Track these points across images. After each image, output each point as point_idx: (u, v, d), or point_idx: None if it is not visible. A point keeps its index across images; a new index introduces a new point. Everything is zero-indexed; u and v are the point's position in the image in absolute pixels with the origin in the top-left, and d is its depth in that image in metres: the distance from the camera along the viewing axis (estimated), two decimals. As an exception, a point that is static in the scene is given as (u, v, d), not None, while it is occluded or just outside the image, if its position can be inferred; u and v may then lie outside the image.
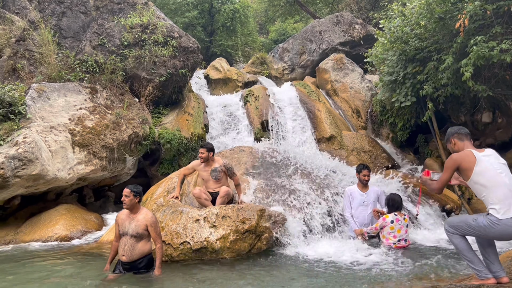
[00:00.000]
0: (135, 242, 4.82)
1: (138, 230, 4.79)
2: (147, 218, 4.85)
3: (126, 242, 4.84)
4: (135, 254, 4.85)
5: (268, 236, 6.11)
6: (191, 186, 7.73)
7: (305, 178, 7.84)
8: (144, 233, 4.83)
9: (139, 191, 4.91)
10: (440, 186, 3.82)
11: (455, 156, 3.74)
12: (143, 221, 4.82)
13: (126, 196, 4.82)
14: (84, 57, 10.56)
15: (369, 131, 13.26)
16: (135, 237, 4.80)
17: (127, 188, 4.86)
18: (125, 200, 4.81)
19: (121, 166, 10.01)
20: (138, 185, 4.98)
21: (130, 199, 4.82)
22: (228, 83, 16.35)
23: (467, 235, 3.67)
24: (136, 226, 4.80)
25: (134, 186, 4.91)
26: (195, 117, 12.04)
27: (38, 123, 8.31)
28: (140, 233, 4.80)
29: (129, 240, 4.82)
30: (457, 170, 3.75)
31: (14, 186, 7.54)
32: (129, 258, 4.84)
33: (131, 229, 4.81)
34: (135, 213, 4.92)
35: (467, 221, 3.65)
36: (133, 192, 4.84)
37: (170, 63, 11.46)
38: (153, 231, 4.85)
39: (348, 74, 14.31)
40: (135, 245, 4.82)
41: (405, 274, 4.86)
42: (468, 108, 10.77)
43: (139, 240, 4.84)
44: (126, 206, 4.84)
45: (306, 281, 4.71)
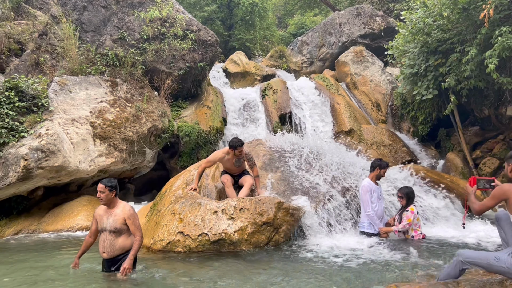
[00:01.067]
0: (115, 237, 4.53)
1: (116, 225, 4.50)
2: (124, 211, 4.56)
3: (105, 239, 4.56)
4: (116, 250, 4.57)
5: (286, 229, 6.10)
6: (209, 178, 7.77)
7: (323, 171, 7.78)
8: (123, 228, 4.53)
9: (114, 185, 4.61)
10: (481, 211, 3.64)
11: (507, 187, 3.48)
12: (121, 214, 4.54)
13: (101, 192, 4.52)
14: (104, 51, 10.70)
15: (389, 125, 13.09)
16: (114, 232, 4.52)
17: (101, 183, 4.56)
18: (101, 196, 4.53)
19: (140, 158, 10.13)
20: (113, 179, 4.69)
21: (106, 195, 4.53)
22: (246, 76, 16.34)
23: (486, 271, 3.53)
24: (114, 220, 4.51)
25: (108, 181, 4.60)
26: (214, 111, 12.08)
27: (60, 116, 8.47)
28: (119, 228, 4.51)
29: (108, 236, 4.54)
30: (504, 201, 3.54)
31: (38, 177, 7.71)
32: (110, 255, 4.57)
33: (109, 225, 4.52)
34: (112, 207, 4.62)
35: (488, 260, 3.46)
36: (108, 187, 4.54)
37: (189, 57, 11.50)
38: (131, 224, 4.55)
39: (368, 67, 14.12)
40: (114, 241, 4.53)
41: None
42: (492, 101, 10.50)
43: (119, 235, 4.55)
44: (103, 202, 4.57)
45: (323, 277, 4.68)
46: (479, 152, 10.83)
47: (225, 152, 6.97)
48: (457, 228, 7.01)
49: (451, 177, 8.86)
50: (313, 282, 4.43)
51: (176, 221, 6.08)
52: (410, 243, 6.09)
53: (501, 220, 3.79)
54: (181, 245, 5.81)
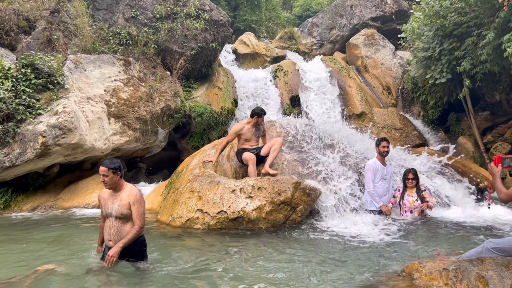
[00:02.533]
0: (121, 224, 4.12)
1: (123, 211, 4.09)
2: (131, 196, 4.12)
3: (111, 225, 4.15)
4: (123, 238, 4.11)
5: (303, 209, 6.20)
6: (224, 158, 7.84)
7: (336, 153, 7.83)
8: (129, 213, 4.12)
9: (117, 166, 4.13)
10: (508, 200, 3.53)
11: None
12: (127, 199, 4.11)
13: (105, 176, 4.08)
14: (117, 30, 10.66)
15: (400, 109, 13.09)
16: (120, 218, 4.11)
17: (103, 165, 4.09)
18: (105, 180, 4.09)
19: (153, 138, 10.20)
20: (115, 159, 4.24)
21: (110, 178, 4.08)
22: (256, 58, 16.27)
23: (510, 256, 3.52)
24: (120, 206, 4.10)
25: (110, 162, 4.13)
26: (225, 92, 12.08)
27: (76, 94, 8.50)
28: (125, 213, 4.10)
29: (115, 223, 4.13)
30: None
31: (55, 154, 7.79)
32: (116, 243, 4.10)
33: (115, 210, 4.12)
34: (118, 191, 4.18)
35: (511, 243, 3.53)
36: (111, 169, 4.07)
37: (201, 37, 11.45)
38: (135, 210, 4.10)
39: (379, 50, 14.04)
40: (121, 228, 4.12)
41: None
42: (504, 86, 10.48)
43: (126, 221, 4.13)
44: (108, 186, 4.13)
45: (341, 257, 4.78)
46: (490, 137, 10.86)
47: (245, 123, 7.36)
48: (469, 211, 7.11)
49: (462, 160, 8.92)
50: (331, 262, 4.52)
51: (195, 199, 6.17)
52: (419, 224, 6.20)
53: None
54: (200, 222, 5.92)
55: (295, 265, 4.34)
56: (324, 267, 4.26)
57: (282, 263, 4.39)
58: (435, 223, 6.34)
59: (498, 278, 3.23)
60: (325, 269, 4.20)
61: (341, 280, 3.91)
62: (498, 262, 3.43)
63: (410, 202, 6.65)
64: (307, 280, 3.89)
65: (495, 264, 3.41)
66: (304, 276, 3.99)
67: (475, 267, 3.43)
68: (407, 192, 6.73)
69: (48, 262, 4.40)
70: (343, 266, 4.34)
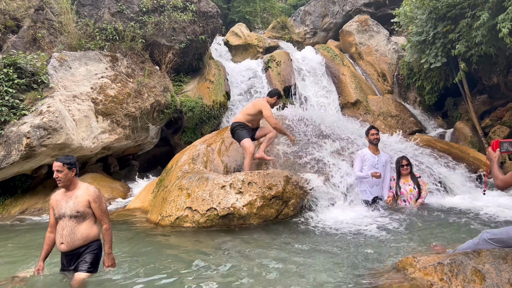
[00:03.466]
0: (76, 223, 3.75)
1: (79, 208, 3.75)
2: (89, 192, 3.81)
3: (64, 226, 3.75)
4: (77, 240, 3.74)
5: (295, 202, 6.01)
6: (215, 153, 7.65)
7: (330, 144, 7.64)
8: (86, 212, 3.78)
9: (73, 162, 3.82)
10: (504, 187, 3.39)
11: None
12: (85, 196, 3.79)
13: (59, 171, 3.74)
14: (103, 25, 10.40)
15: (395, 95, 12.86)
16: (75, 217, 3.75)
17: (57, 161, 3.78)
18: (59, 176, 3.74)
19: (144, 134, 9.99)
20: (71, 156, 3.92)
21: (64, 174, 3.74)
22: (248, 49, 15.99)
23: (508, 247, 3.36)
24: (76, 203, 3.76)
25: (65, 157, 3.83)
26: (216, 85, 11.85)
27: (61, 92, 8.28)
28: (82, 211, 3.75)
29: (68, 222, 3.75)
30: None
31: (41, 155, 7.59)
32: (70, 246, 3.73)
33: (69, 208, 3.75)
34: (72, 189, 3.85)
35: (509, 233, 3.36)
36: (67, 164, 3.75)
37: (189, 29, 11.20)
38: (97, 208, 3.79)
39: (373, 36, 13.77)
40: (76, 228, 3.74)
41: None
42: (501, 68, 10.25)
43: (81, 220, 3.78)
44: (62, 183, 3.78)
45: (335, 251, 4.60)
46: (488, 121, 10.64)
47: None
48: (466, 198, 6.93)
49: (460, 146, 8.72)
50: (325, 256, 4.35)
51: (184, 196, 5.98)
52: (416, 213, 6.03)
53: None
54: (189, 220, 5.74)
55: (287, 261, 4.17)
56: (317, 263, 4.09)
57: (274, 260, 4.21)
58: (432, 211, 6.16)
59: (496, 272, 3.04)
60: (318, 265, 4.03)
61: (334, 276, 3.73)
62: (496, 255, 3.24)
63: (408, 191, 6.48)
64: (299, 276, 3.72)
65: (492, 257, 3.22)
66: (297, 272, 3.82)
67: (471, 260, 3.25)
68: (402, 180, 6.57)
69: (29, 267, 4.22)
70: (336, 261, 4.17)
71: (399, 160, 6.64)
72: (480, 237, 3.54)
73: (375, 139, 6.69)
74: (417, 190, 6.46)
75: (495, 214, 5.86)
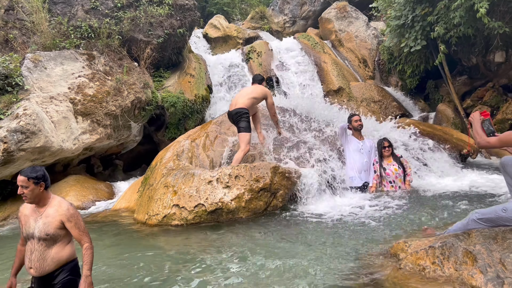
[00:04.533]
0: (46, 247, 3.19)
1: (49, 230, 3.16)
2: (61, 211, 3.20)
3: (33, 249, 3.20)
4: (47, 265, 3.20)
5: (283, 193, 5.96)
6: (199, 148, 7.53)
7: (315, 133, 7.61)
8: (58, 234, 3.19)
9: (40, 176, 3.21)
10: (483, 146, 3.44)
11: None
12: (56, 216, 3.20)
13: (23, 187, 3.14)
14: (77, 23, 10.12)
15: (377, 81, 12.89)
16: (44, 240, 3.18)
17: (21, 174, 3.18)
18: (24, 192, 3.15)
19: (126, 133, 9.81)
20: (38, 167, 3.30)
21: (31, 190, 3.14)
22: (228, 40, 15.81)
23: (497, 226, 3.37)
24: (46, 224, 3.17)
25: (31, 170, 3.22)
26: (198, 78, 11.69)
27: (37, 94, 8.04)
28: (52, 233, 3.17)
29: (37, 246, 3.19)
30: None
31: (20, 160, 7.38)
32: (40, 271, 3.18)
33: (38, 229, 3.17)
34: (43, 205, 3.24)
35: (497, 212, 3.34)
36: (32, 178, 3.16)
37: (167, 23, 10.99)
38: (73, 227, 3.21)
39: (352, 22, 13.74)
40: (46, 253, 3.20)
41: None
42: (480, 49, 10.34)
43: (52, 243, 3.21)
44: (28, 200, 3.18)
45: (322, 237, 4.58)
46: (469, 101, 10.75)
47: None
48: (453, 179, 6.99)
49: (443, 128, 8.78)
50: (317, 245, 4.32)
51: (170, 194, 5.88)
52: (405, 196, 6.05)
53: (508, 166, 3.65)
54: (177, 218, 5.64)
55: (278, 253, 4.12)
56: (308, 253, 4.05)
57: (265, 252, 4.16)
58: (420, 193, 6.19)
59: (487, 252, 3.04)
60: (309, 255, 3.99)
61: (326, 264, 3.70)
62: (486, 235, 3.24)
63: (393, 170, 6.50)
64: (291, 268, 3.68)
65: (482, 237, 3.22)
66: (288, 264, 3.77)
67: (462, 242, 3.25)
68: (385, 162, 6.59)
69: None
70: (328, 249, 4.14)
71: (381, 142, 6.67)
72: (469, 218, 3.54)
73: (359, 125, 6.74)
74: (401, 169, 6.50)
75: (479, 193, 5.92)
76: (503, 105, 9.93)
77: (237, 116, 6.69)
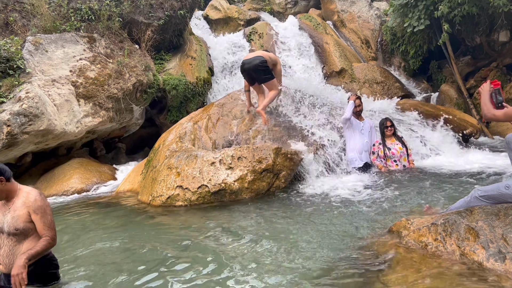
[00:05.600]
0: (16, 242, 3.03)
1: (18, 224, 2.99)
2: (28, 203, 3.01)
3: (1, 244, 3.05)
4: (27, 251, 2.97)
5: (286, 174, 5.99)
6: (202, 130, 7.54)
7: (317, 114, 7.58)
8: (28, 227, 3.02)
9: (2, 171, 3.00)
10: (489, 118, 3.41)
11: None
12: (23, 208, 3.01)
13: None
14: (77, 5, 10.01)
15: (380, 62, 12.79)
16: (14, 235, 3.01)
17: None
18: None
19: (128, 116, 9.81)
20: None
21: None
22: (229, 22, 15.65)
23: (499, 203, 3.35)
24: (14, 218, 3.00)
25: None
26: (199, 61, 11.62)
27: (39, 77, 8.03)
28: (22, 227, 2.99)
29: (6, 241, 3.04)
30: None
31: (24, 142, 7.41)
32: (8, 268, 3.01)
33: (7, 224, 3.00)
34: (11, 198, 3.06)
35: (499, 189, 3.32)
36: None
37: (167, 5, 10.87)
38: (39, 220, 3.01)
39: (355, 2, 13.57)
40: (16, 248, 3.02)
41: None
42: (484, 28, 10.22)
43: (23, 238, 3.03)
44: None
45: (325, 217, 4.62)
46: (473, 81, 10.68)
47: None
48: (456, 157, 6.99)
49: (446, 108, 8.74)
50: (319, 224, 4.37)
51: (174, 175, 5.92)
52: (408, 176, 6.07)
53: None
54: (181, 199, 5.69)
55: (281, 233, 4.16)
56: (310, 233, 4.10)
57: (267, 233, 4.20)
58: (422, 173, 6.20)
59: (489, 229, 3.06)
60: (312, 235, 4.04)
61: (329, 242, 3.76)
62: (488, 211, 3.26)
63: (398, 150, 6.51)
64: (293, 247, 3.72)
65: (484, 214, 3.24)
66: (290, 244, 3.82)
67: (464, 218, 3.27)
68: (388, 141, 6.60)
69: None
70: (330, 228, 4.19)
71: (383, 121, 6.66)
72: (471, 195, 3.55)
73: (358, 111, 6.73)
74: (405, 148, 6.54)
75: (483, 172, 5.93)
76: (507, 84, 9.87)
77: (257, 67, 6.82)
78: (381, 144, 6.63)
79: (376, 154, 6.63)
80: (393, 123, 6.64)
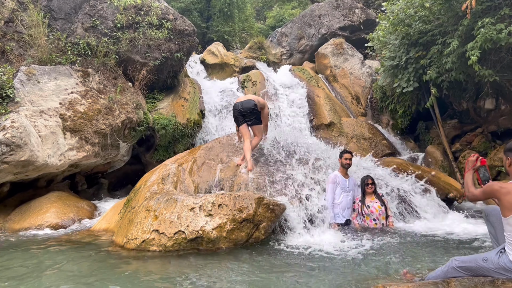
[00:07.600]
0: None
1: None
2: None
3: None
4: None
5: (266, 225, 5.86)
6: (186, 173, 7.46)
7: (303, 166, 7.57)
8: None
9: None
10: (470, 199, 3.53)
11: (496, 187, 3.15)
12: None
13: None
14: (75, 40, 10.18)
15: (369, 118, 13.01)
16: None
17: None
18: None
19: (114, 152, 9.72)
20: None
21: None
22: (224, 68, 15.98)
23: (477, 276, 3.32)
24: None
25: None
26: (191, 103, 11.72)
27: (27, 107, 7.98)
28: None
29: None
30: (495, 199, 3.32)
31: (2, 172, 7.25)
32: None
33: None
34: None
35: (477, 262, 3.30)
36: None
37: (165, 47, 11.09)
38: None
39: (348, 59, 13.98)
40: None
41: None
42: (471, 95, 10.52)
43: None
44: None
45: (301, 273, 4.48)
46: (458, 145, 10.84)
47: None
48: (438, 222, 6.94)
49: (431, 170, 8.79)
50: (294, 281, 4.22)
51: (151, 218, 5.76)
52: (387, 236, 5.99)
53: (491, 215, 3.62)
54: (156, 244, 5.51)
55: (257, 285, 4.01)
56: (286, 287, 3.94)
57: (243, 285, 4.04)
58: (403, 235, 6.11)
59: (465, 304, 2.97)
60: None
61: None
62: (465, 285, 3.18)
63: (376, 208, 6.47)
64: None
65: (461, 287, 3.16)
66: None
67: (441, 291, 3.18)
68: (368, 199, 6.58)
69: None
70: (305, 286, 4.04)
71: (365, 179, 6.67)
72: (448, 265, 3.48)
73: (347, 164, 6.75)
74: (384, 207, 6.50)
75: (463, 238, 5.87)
76: (491, 151, 10.02)
77: (252, 111, 7.18)
78: (360, 202, 6.61)
79: (357, 212, 6.60)
80: (374, 180, 6.65)
